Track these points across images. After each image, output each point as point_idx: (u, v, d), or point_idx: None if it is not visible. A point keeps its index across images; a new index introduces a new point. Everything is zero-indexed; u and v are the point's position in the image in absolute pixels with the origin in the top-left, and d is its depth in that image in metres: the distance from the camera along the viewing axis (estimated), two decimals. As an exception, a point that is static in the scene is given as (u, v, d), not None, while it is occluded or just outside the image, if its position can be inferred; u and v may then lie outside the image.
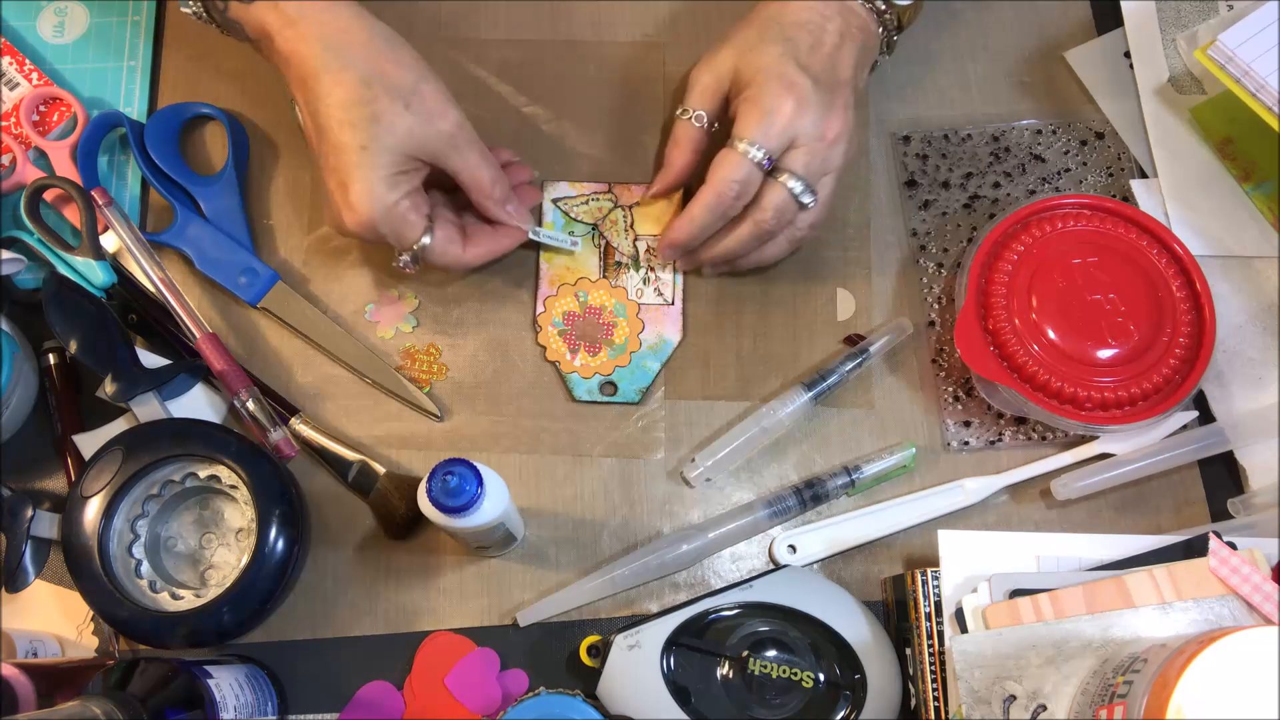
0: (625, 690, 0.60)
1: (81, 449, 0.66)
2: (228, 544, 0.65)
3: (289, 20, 0.60)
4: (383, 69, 0.60)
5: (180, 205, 0.70)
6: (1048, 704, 0.55)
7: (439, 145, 0.61)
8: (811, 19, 0.64)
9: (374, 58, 0.60)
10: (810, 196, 0.63)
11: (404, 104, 0.60)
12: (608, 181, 0.72)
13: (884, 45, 0.68)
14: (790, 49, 0.62)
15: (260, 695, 0.61)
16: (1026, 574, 0.59)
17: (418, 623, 0.65)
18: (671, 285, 0.70)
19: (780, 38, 0.63)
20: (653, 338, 0.69)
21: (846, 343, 0.69)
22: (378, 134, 0.59)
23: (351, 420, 0.68)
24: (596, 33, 0.75)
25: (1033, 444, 0.68)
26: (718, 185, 0.62)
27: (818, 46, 0.63)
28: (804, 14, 0.64)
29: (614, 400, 0.68)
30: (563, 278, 0.70)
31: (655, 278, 0.70)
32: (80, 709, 0.49)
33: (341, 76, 0.59)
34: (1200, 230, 0.70)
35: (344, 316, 0.70)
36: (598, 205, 0.72)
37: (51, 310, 0.63)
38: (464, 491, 0.53)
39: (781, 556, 0.66)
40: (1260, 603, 0.55)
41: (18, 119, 0.71)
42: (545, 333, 0.69)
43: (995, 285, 0.66)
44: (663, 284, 0.70)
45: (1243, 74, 0.64)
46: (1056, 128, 0.73)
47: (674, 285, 0.70)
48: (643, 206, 0.71)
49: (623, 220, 0.71)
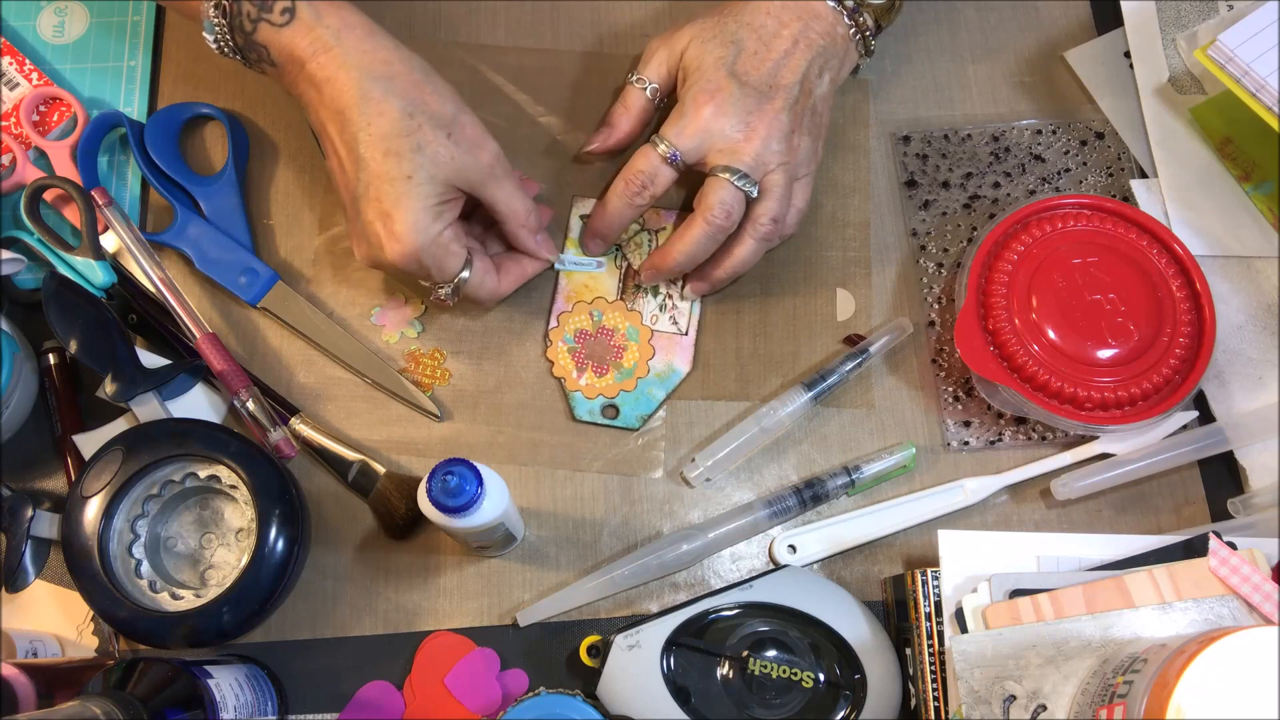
0: (625, 690, 0.60)
1: (81, 449, 0.66)
2: (228, 544, 0.65)
3: (324, 46, 0.60)
4: (424, 100, 0.60)
5: (180, 205, 0.70)
6: (1048, 704, 0.55)
7: (479, 176, 0.62)
8: (767, 24, 0.65)
9: (415, 88, 0.60)
10: (750, 185, 0.63)
11: (446, 134, 0.60)
12: None
13: (860, 47, 0.68)
14: (732, 52, 0.64)
15: (260, 695, 0.61)
16: (1026, 574, 0.59)
17: (418, 623, 0.65)
18: (687, 315, 0.70)
19: (729, 39, 0.65)
20: (661, 366, 0.69)
21: (846, 343, 0.69)
22: (422, 164, 0.59)
23: (352, 422, 0.68)
24: (618, 45, 0.75)
25: (1033, 444, 0.68)
26: (625, 174, 0.65)
27: (762, 52, 0.64)
28: (761, 17, 0.65)
29: (614, 424, 0.68)
30: (580, 295, 0.70)
31: (672, 306, 0.70)
32: (80, 709, 0.49)
33: (384, 106, 0.59)
34: (1200, 230, 0.70)
35: (349, 319, 0.70)
36: None
37: (51, 310, 0.63)
38: (464, 491, 0.53)
39: (781, 556, 0.66)
40: (1260, 603, 0.55)
41: (18, 119, 0.71)
42: (555, 348, 0.69)
43: (995, 285, 0.66)
44: (679, 313, 0.70)
45: (1243, 74, 0.64)
46: (1056, 128, 0.73)
47: (690, 315, 0.70)
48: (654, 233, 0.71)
49: (647, 243, 0.71)
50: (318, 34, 0.60)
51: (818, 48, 0.65)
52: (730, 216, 0.64)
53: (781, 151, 0.64)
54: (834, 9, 0.66)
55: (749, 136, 0.63)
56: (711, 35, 0.65)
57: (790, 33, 0.65)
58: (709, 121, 0.63)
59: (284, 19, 0.60)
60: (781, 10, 0.65)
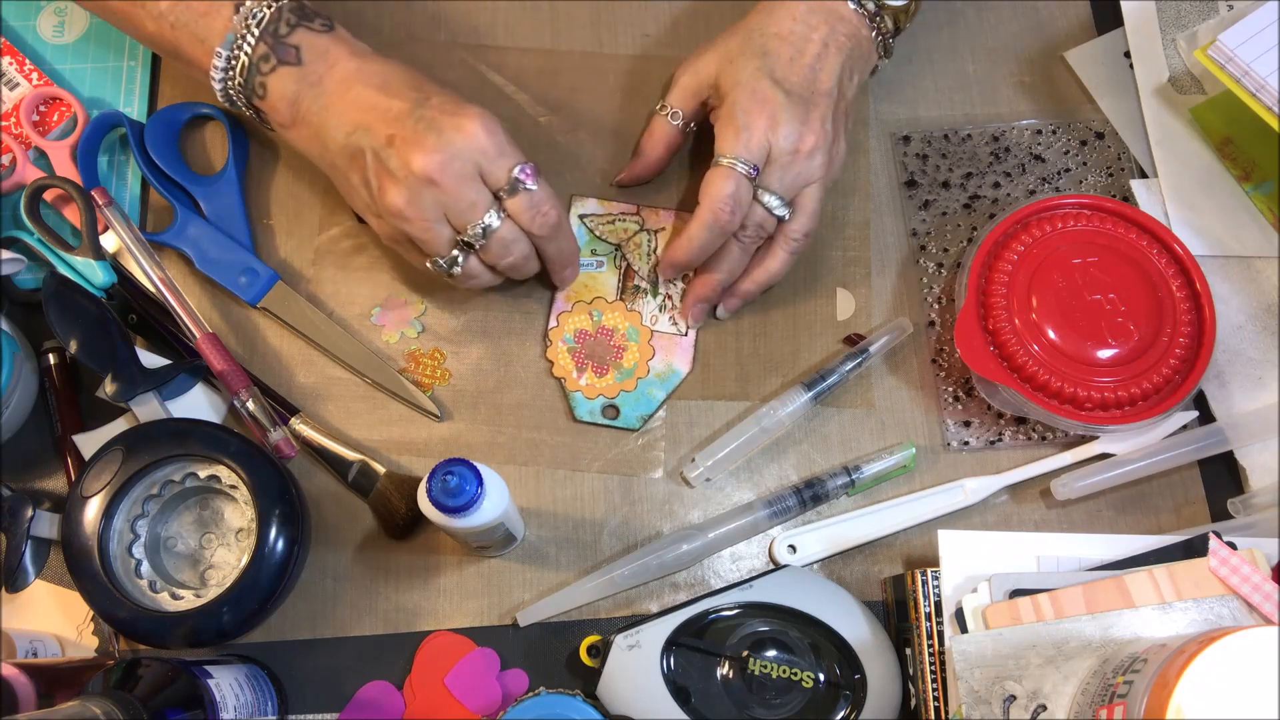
0: (625, 690, 0.60)
1: (81, 449, 0.66)
2: (228, 544, 0.65)
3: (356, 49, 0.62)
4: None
5: (180, 205, 0.70)
6: (1048, 704, 0.55)
7: None
8: (795, 29, 0.64)
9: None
10: (785, 209, 0.63)
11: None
12: (637, 204, 0.72)
13: (880, 49, 0.68)
14: (768, 62, 0.63)
15: (260, 695, 0.61)
16: (1026, 574, 0.59)
17: (418, 623, 0.65)
18: None
19: (760, 50, 0.64)
20: (661, 366, 0.69)
21: (846, 342, 0.69)
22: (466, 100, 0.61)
23: (352, 422, 0.68)
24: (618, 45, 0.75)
25: (1033, 444, 0.68)
26: (714, 203, 0.62)
27: (797, 58, 0.63)
28: (788, 24, 0.64)
29: (614, 424, 0.68)
30: (579, 294, 0.70)
31: (672, 306, 0.70)
32: (80, 709, 0.49)
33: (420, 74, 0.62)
34: (1200, 230, 0.70)
35: (349, 319, 0.70)
36: (624, 226, 0.71)
37: (51, 310, 0.63)
38: (464, 491, 0.53)
39: (781, 556, 0.66)
40: (1260, 603, 0.55)
41: (18, 119, 0.71)
42: (555, 348, 0.69)
43: (995, 285, 0.66)
44: (678, 313, 0.70)
45: (1243, 74, 0.64)
46: (1056, 128, 0.73)
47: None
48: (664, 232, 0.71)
49: (646, 244, 0.71)
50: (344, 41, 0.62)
51: (846, 50, 0.65)
52: (762, 234, 0.65)
53: (823, 164, 0.63)
54: (856, 11, 0.66)
55: (797, 151, 0.62)
56: (740, 52, 0.64)
57: (820, 35, 0.64)
58: (768, 132, 0.62)
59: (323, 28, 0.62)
60: (808, 14, 0.65)
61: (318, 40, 0.61)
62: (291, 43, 0.61)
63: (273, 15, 0.61)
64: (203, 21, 0.61)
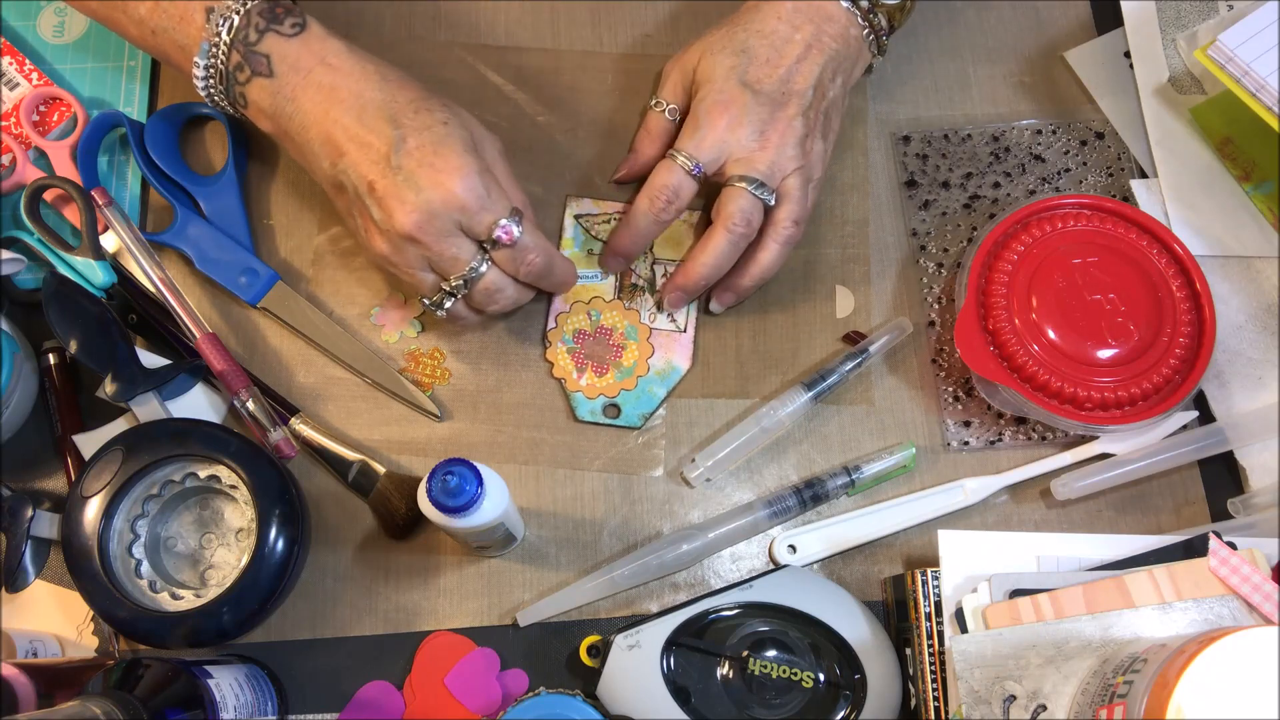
0: (625, 690, 0.60)
1: (81, 449, 0.66)
2: (228, 544, 0.65)
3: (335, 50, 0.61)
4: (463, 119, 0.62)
5: (180, 205, 0.70)
6: (1048, 704, 0.55)
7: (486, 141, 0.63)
8: (779, 29, 0.64)
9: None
10: (767, 194, 0.63)
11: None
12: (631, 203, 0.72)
13: (874, 47, 0.68)
14: (743, 61, 0.64)
15: (260, 695, 0.61)
16: (1026, 574, 0.59)
17: (418, 623, 0.65)
18: (685, 313, 0.70)
19: (740, 47, 0.64)
20: (661, 364, 0.69)
21: (846, 341, 0.69)
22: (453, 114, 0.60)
23: (352, 422, 0.68)
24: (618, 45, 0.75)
25: (1033, 444, 0.68)
26: (649, 190, 0.65)
27: (774, 59, 0.64)
28: (772, 23, 0.65)
29: (616, 423, 0.68)
30: (577, 294, 0.70)
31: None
32: (80, 709, 0.49)
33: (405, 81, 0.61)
34: (1200, 230, 0.70)
35: (349, 319, 0.70)
36: None
37: (51, 310, 0.63)
38: (464, 491, 0.53)
39: (781, 556, 0.66)
40: (1260, 603, 0.55)
41: (18, 119, 0.71)
42: (554, 348, 0.69)
43: (995, 285, 0.66)
44: (676, 311, 0.70)
45: (1243, 74, 0.64)
46: (1056, 128, 0.73)
47: (687, 313, 0.70)
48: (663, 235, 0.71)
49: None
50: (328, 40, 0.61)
51: (831, 52, 0.65)
52: (750, 224, 0.64)
53: (797, 156, 0.63)
54: (847, 10, 0.66)
55: (764, 145, 0.63)
56: (721, 47, 0.65)
57: (803, 37, 0.64)
58: (725, 133, 0.63)
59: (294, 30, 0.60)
60: (794, 14, 0.65)
61: (288, 48, 0.60)
62: (261, 51, 0.60)
63: (242, 21, 0.59)
64: (180, 28, 0.61)
